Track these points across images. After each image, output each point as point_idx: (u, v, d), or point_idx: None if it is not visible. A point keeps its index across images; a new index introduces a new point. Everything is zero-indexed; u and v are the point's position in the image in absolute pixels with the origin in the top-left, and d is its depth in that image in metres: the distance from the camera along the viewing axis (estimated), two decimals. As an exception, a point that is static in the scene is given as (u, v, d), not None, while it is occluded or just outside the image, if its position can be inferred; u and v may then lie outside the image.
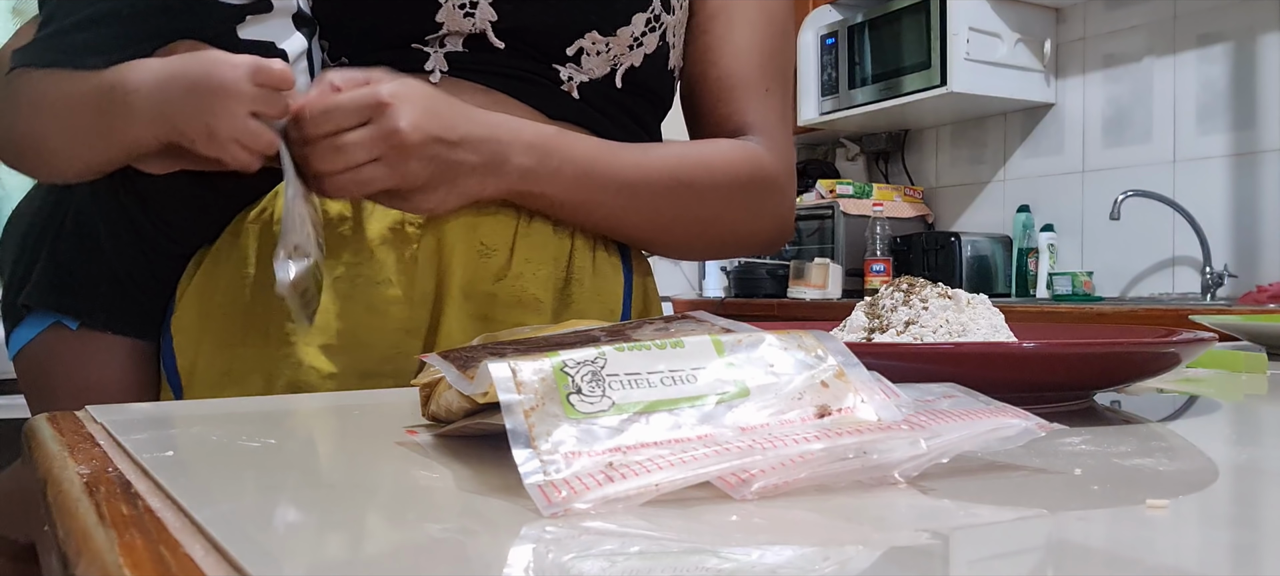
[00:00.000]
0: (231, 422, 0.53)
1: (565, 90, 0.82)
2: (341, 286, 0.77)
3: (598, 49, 0.81)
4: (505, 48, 0.80)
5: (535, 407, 0.34)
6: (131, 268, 0.83)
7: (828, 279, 3.01)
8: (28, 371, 0.87)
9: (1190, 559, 0.29)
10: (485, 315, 0.79)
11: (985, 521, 0.32)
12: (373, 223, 0.78)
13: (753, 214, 0.88)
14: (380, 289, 0.77)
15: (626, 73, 0.84)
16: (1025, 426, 0.37)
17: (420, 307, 0.78)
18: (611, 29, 0.81)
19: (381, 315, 0.77)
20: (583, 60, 0.82)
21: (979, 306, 0.57)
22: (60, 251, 0.84)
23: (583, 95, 0.83)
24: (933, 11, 2.78)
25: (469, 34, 0.80)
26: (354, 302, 0.77)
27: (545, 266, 0.81)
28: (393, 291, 0.77)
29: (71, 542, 0.32)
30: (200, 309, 0.81)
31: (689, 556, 0.28)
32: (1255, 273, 2.46)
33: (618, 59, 0.83)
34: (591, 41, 0.81)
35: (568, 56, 0.81)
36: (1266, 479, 0.39)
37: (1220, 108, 2.52)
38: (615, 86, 0.84)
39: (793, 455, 0.33)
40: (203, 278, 0.81)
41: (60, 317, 0.83)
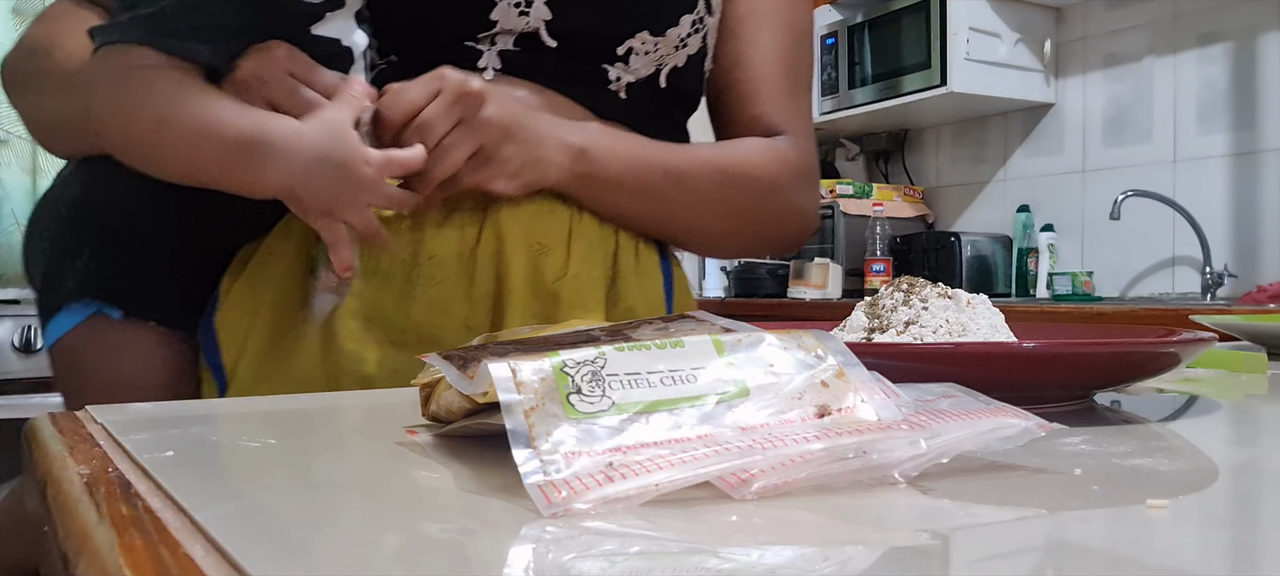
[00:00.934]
0: (231, 423, 0.53)
1: (613, 89, 0.84)
2: (400, 285, 0.78)
3: (646, 49, 0.83)
4: (557, 47, 0.81)
5: (535, 407, 0.34)
6: (177, 260, 0.82)
7: (828, 279, 3.01)
8: (65, 361, 0.85)
9: (1190, 559, 0.29)
10: (547, 315, 0.79)
11: (985, 521, 0.32)
12: (430, 222, 0.78)
13: (783, 212, 0.90)
14: (441, 287, 0.78)
15: (670, 73, 0.85)
16: (1025, 426, 0.37)
17: (480, 306, 0.79)
18: (661, 30, 0.83)
19: (444, 313, 0.78)
20: (631, 60, 0.83)
21: (979, 306, 0.57)
22: (106, 241, 0.83)
23: (629, 95, 0.84)
24: (933, 11, 2.78)
25: (522, 32, 0.80)
26: (415, 301, 0.78)
27: (598, 266, 0.82)
28: (453, 289, 0.78)
29: (71, 542, 0.32)
30: (249, 305, 0.81)
31: (689, 557, 0.28)
32: (1255, 272, 2.46)
33: (663, 59, 0.84)
34: (641, 42, 0.82)
35: (617, 56, 0.82)
36: (1266, 479, 0.39)
37: (1221, 107, 2.52)
38: (659, 86, 0.85)
39: (793, 455, 0.33)
40: (251, 274, 0.81)
41: (102, 307, 0.82)
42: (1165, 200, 2.57)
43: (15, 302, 2.29)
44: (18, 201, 2.63)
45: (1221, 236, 2.52)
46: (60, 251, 0.84)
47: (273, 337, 0.80)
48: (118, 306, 0.82)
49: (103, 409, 0.54)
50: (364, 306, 0.77)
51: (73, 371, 0.85)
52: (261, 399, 0.67)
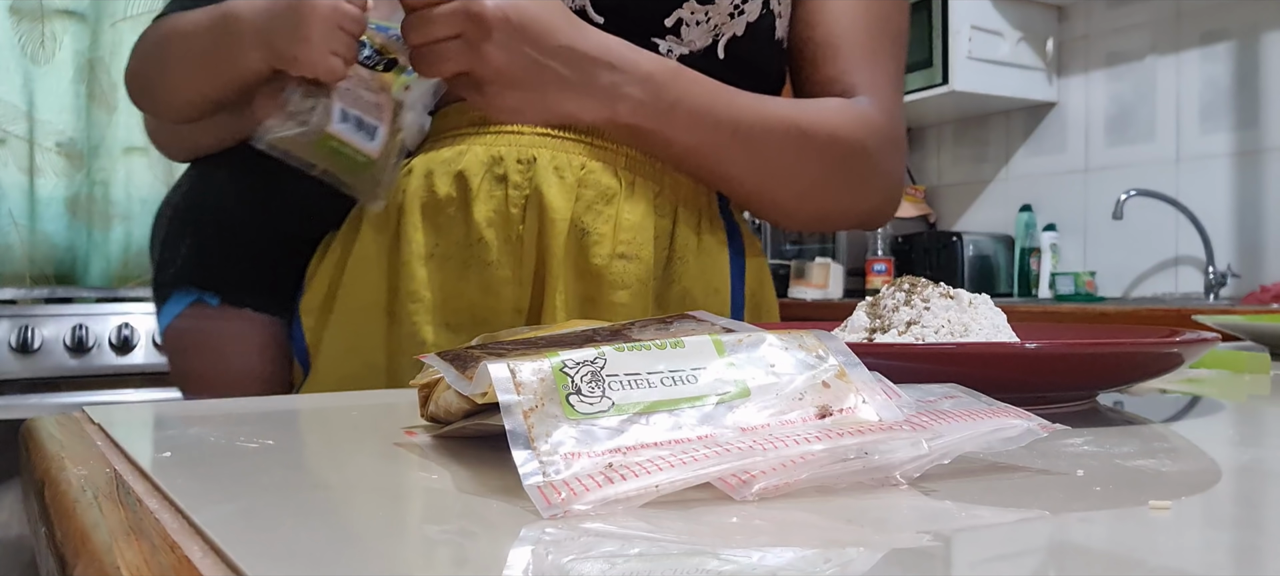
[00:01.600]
0: (229, 423, 0.52)
1: None
2: (455, 266, 0.79)
3: (696, 18, 0.81)
4: (604, 23, 0.80)
5: (534, 408, 0.34)
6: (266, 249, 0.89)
7: (829, 279, 3.01)
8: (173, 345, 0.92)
9: (1193, 560, 0.29)
10: (591, 296, 0.80)
11: (987, 523, 0.32)
12: (479, 205, 0.79)
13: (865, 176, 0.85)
14: (491, 270, 0.79)
15: (729, 43, 0.82)
16: (1027, 427, 0.37)
17: (526, 287, 0.80)
18: None
19: (495, 295, 0.79)
20: (682, 32, 0.81)
21: (981, 306, 0.57)
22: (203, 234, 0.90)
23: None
24: (934, 9, 2.77)
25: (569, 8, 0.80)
26: (468, 282, 0.79)
27: (647, 247, 0.81)
28: (503, 272, 0.79)
29: (69, 544, 0.32)
30: (327, 290, 0.84)
31: (689, 558, 0.28)
32: (1259, 272, 2.46)
33: (719, 29, 0.82)
34: (690, 11, 0.80)
35: (667, 28, 0.81)
36: (1270, 480, 0.39)
37: (1224, 106, 2.52)
38: (718, 58, 0.83)
39: (794, 456, 0.33)
40: (330, 261, 0.85)
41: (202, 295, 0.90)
42: (1168, 200, 2.56)
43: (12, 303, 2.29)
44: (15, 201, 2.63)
45: (1224, 236, 2.52)
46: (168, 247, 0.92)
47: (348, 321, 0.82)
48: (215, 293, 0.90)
49: (100, 409, 0.54)
50: (423, 288, 0.79)
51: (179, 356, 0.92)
52: (260, 399, 0.67)
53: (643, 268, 0.80)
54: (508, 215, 0.79)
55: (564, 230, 0.79)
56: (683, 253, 0.83)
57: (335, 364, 0.82)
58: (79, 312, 2.29)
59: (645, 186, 0.82)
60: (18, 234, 2.61)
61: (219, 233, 0.90)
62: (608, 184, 0.80)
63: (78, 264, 2.68)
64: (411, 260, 0.79)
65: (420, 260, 0.79)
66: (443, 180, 0.80)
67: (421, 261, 0.79)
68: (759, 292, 0.90)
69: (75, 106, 2.66)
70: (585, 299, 0.80)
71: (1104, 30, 2.79)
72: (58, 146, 2.65)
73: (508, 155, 0.80)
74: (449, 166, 0.80)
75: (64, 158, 2.66)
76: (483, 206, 0.79)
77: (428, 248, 0.80)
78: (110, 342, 2.29)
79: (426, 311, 0.79)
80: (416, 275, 0.79)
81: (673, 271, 0.83)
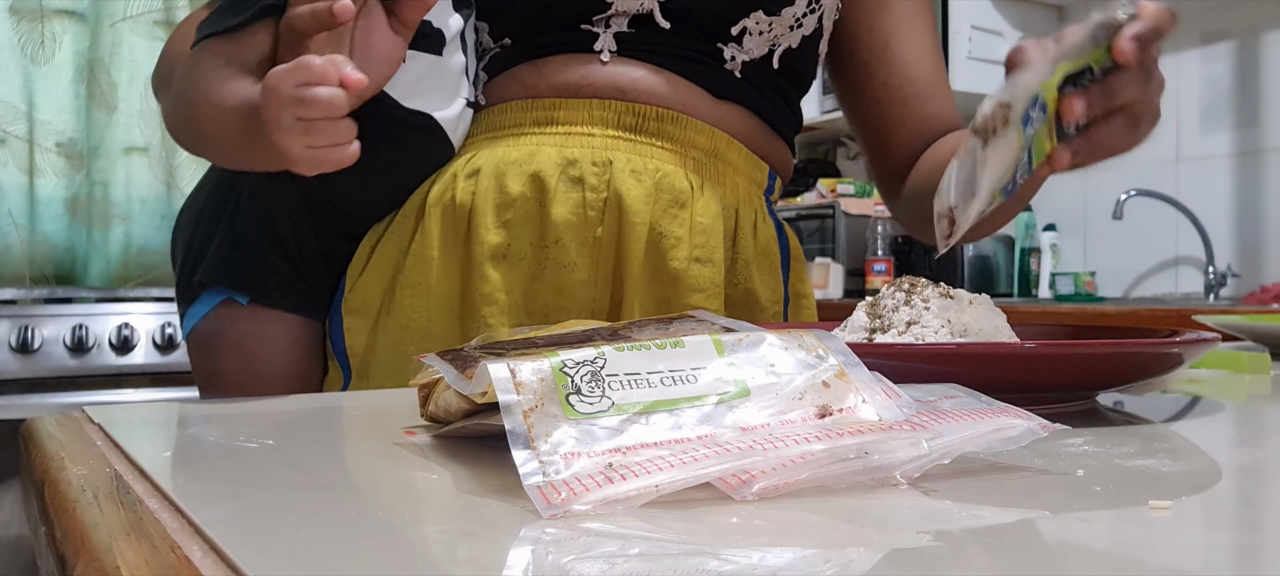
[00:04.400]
0: (229, 423, 0.52)
1: (728, 69, 0.84)
2: (529, 267, 0.79)
3: (760, 29, 0.83)
4: (671, 27, 0.81)
5: (534, 408, 0.34)
6: (303, 246, 0.85)
7: (829, 279, 3.01)
8: (198, 346, 0.88)
9: (1193, 560, 0.29)
10: (668, 298, 0.81)
11: (987, 523, 0.32)
12: (556, 206, 0.79)
13: None
14: (567, 271, 0.79)
15: (784, 54, 0.85)
16: (1028, 427, 0.37)
17: (603, 289, 0.80)
18: (776, 9, 0.83)
19: (569, 296, 0.79)
20: (744, 40, 0.83)
21: (981, 306, 0.57)
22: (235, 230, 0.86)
23: (744, 74, 0.84)
24: (934, 10, 2.77)
25: (636, 14, 0.81)
26: (543, 284, 0.79)
27: (718, 249, 0.83)
28: (579, 274, 0.79)
29: (69, 544, 0.32)
30: (377, 290, 0.82)
31: (689, 558, 0.28)
32: (1259, 273, 2.46)
33: (777, 39, 0.84)
34: (755, 22, 0.83)
35: (731, 36, 0.83)
36: (1270, 480, 0.39)
37: (1224, 106, 2.52)
38: (772, 67, 0.85)
39: (794, 456, 0.33)
40: (379, 259, 0.83)
41: (231, 294, 0.85)
42: (1168, 200, 2.56)
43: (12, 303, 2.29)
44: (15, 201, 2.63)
45: (1225, 236, 2.52)
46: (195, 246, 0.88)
47: (407, 323, 0.80)
48: (245, 292, 0.85)
49: (100, 410, 0.54)
50: (497, 289, 0.79)
51: (205, 357, 0.88)
52: (261, 399, 0.67)
53: (716, 270, 0.82)
54: (586, 217, 0.79)
55: (644, 233, 0.79)
56: (744, 253, 0.86)
57: (394, 369, 0.80)
58: (79, 313, 2.29)
59: (712, 188, 0.84)
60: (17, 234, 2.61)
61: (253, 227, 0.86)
62: (681, 187, 0.81)
63: (77, 264, 2.68)
64: (484, 261, 0.79)
65: (494, 261, 0.79)
66: (516, 180, 0.79)
67: (495, 263, 0.79)
68: (799, 288, 0.93)
69: (75, 107, 2.66)
70: (661, 301, 0.81)
71: (1104, 30, 2.79)
72: (57, 147, 2.65)
73: (582, 157, 0.80)
74: (522, 167, 0.80)
75: (64, 158, 2.66)
76: (560, 207, 0.79)
77: (500, 248, 0.79)
78: (110, 343, 2.29)
79: (501, 314, 0.78)
80: (490, 277, 0.79)
81: (737, 272, 0.85)
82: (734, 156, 0.85)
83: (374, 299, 0.82)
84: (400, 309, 0.81)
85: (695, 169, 0.83)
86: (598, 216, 0.79)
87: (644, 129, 0.81)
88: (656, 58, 0.82)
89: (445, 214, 0.81)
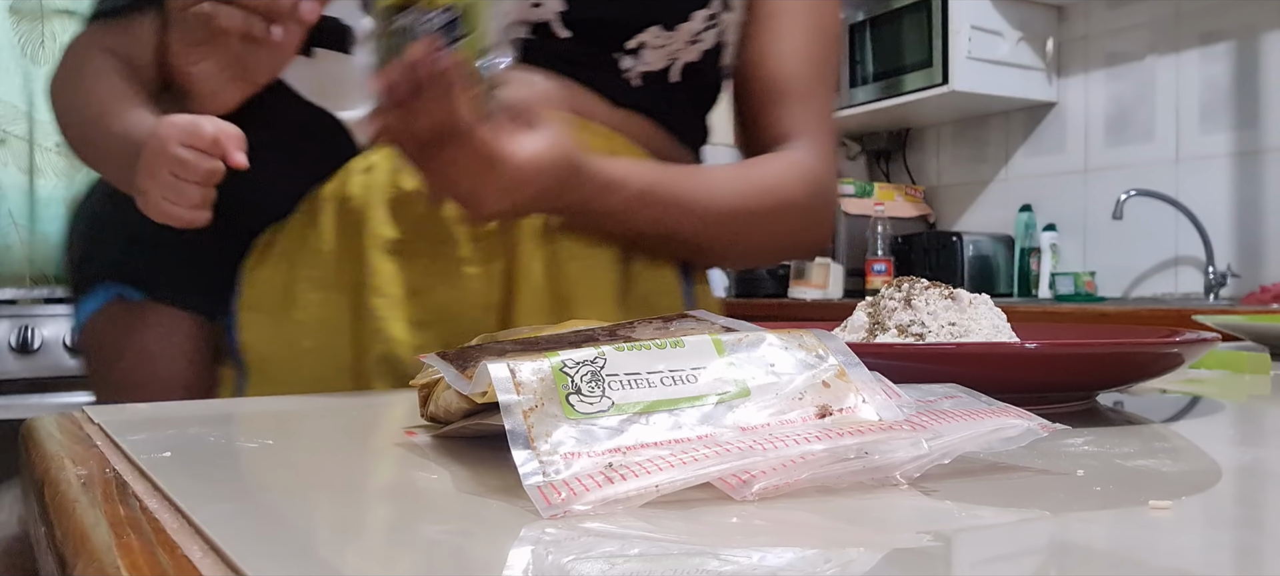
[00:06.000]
0: (229, 423, 0.52)
1: (626, 78, 0.84)
2: (423, 263, 0.79)
3: (658, 43, 0.83)
4: (570, 37, 0.82)
5: (534, 408, 0.34)
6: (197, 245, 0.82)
7: (829, 279, 3.01)
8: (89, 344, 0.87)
9: (1194, 560, 0.29)
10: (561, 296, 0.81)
11: (988, 523, 0.32)
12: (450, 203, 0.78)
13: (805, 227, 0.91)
14: (460, 266, 0.79)
15: (684, 67, 0.85)
16: (1028, 427, 0.37)
17: (497, 283, 0.80)
18: (673, 24, 0.83)
19: (463, 291, 0.79)
20: (642, 53, 0.83)
21: (981, 306, 0.57)
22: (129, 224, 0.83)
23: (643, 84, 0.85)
24: (934, 9, 2.77)
25: (535, 22, 0.81)
26: (436, 278, 0.79)
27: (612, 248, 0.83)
28: (471, 268, 0.79)
29: (69, 544, 0.32)
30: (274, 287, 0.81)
31: (689, 558, 0.28)
32: (1259, 272, 2.46)
33: (676, 54, 0.84)
34: (653, 35, 0.83)
35: (628, 49, 0.83)
36: (1270, 480, 0.39)
37: (1223, 106, 2.52)
38: (671, 80, 0.86)
39: (794, 455, 0.33)
40: (277, 257, 0.82)
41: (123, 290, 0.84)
42: (1168, 200, 2.56)
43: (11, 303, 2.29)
44: (15, 201, 2.63)
45: (1224, 236, 2.52)
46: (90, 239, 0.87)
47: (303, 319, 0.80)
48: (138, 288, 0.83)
49: (100, 409, 0.54)
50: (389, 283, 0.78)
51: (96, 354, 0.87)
52: (260, 399, 0.67)
53: (610, 268, 0.83)
54: None
55: (538, 232, 0.80)
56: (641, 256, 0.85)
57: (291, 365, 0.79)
58: (79, 313, 2.29)
59: None
60: (18, 234, 2.61)
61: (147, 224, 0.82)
62: None
63: (78, 264, 2.68)
64: (376, 255, 0.78)
65: (386, 255, 0.78)
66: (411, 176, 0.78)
67: (387, 256, 0.78)
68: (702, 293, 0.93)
69: (75, 106, 2.66)
70: (555, 298, 0.80)
71: (1103, 30, 2.79)
72: (58, 147, 2.65)
73: None
74: None
75: (64, 158, 2.66)
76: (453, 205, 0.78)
77: (395, 243, 0.79)
78: (110, 342, 2.29)
79: (393, 307, 0.78)
80: (382, 270, 0.78)
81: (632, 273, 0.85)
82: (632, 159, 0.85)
83: (271, 295, 0.81)
84: (299, 304, 0.80)
85: None
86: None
87: None
88: (555, 64, 0.82)
89: (340, 208, 0.80)
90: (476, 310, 0.79)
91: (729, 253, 0.90)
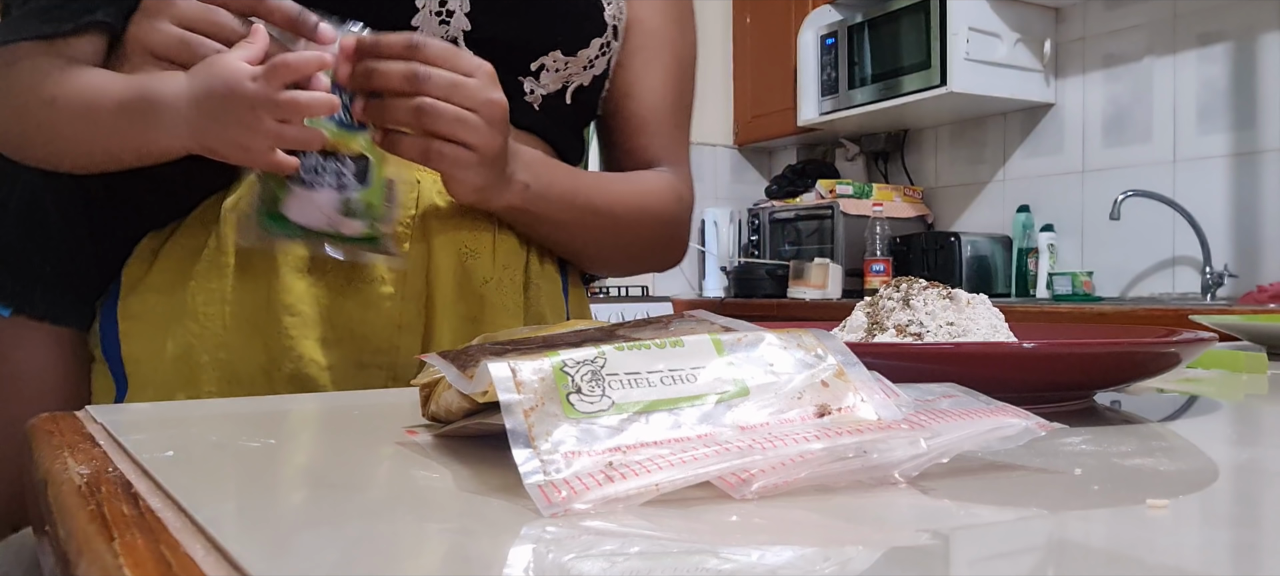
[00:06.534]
0: (231, 422, 0.52)
1: (528, 101, 0.86)
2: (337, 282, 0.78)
3: (557, 66, 0.86)
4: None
5: (535, 407, 0.34)
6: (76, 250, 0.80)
7: (827, 279, 3.01)
8: None
9: (1191, 559, 0.29)
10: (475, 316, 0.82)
11: (985, 521, 0.32)
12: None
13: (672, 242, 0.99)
14: (374, 286, 0.79)
15: (576, 91, 0.89)
16: (1025, 426, 0.37)
17: (412, 303, 0.80)
18: (573, 50, 0.86)
19: (375, 310, 0.78)
20: (542, 76, 0.86)
21: (979, 306, 0.57)
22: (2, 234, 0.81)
23: (542, 107, 0.87)
24: (932, 11, 2.78)
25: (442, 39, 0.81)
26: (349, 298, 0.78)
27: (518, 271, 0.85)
28: (385, 288, 0.79)
29: (72, 543, 0.32)
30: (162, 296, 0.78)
31: (689, 557, 0.28)
32: (1256, 272, 2.46)
33: (571, 77, 0.88)
34: (553, 60, 0.86)
35: (530, 71, 0.85)
36: (1267, 479, 0.39)
37: (1220, 107, 2.52)
38: (566, 102, 0.89)
39: (793, 454, 0.33)
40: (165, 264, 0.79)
41: None
42: (1165, 200, 2.57)
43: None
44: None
45: (1221, 236, 2.52)
46: None
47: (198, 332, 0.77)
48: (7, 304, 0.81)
49: (103, 409, 0.54)
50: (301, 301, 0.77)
51: None
52: (261, 399, 0.67)
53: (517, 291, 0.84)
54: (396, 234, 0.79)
55: (453, 252, 0.80)
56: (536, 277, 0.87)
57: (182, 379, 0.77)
58: (77, 313, 2.28)
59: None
60: None
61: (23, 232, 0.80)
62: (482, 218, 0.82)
63: (76, 265, 2.67)
64: (288, 272, 0.77)
65: (298, 273, 0.77)
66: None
67: (299, 274, 0.77)
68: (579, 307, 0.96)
69: (73, 107, 2.66)
70: (468, 318, 0.81)
71: (1101, 32, 2.79)
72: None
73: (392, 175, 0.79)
74: None
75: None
76: None
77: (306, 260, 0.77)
78: (108, 343, 2.28)
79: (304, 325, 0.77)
80: (293, 288, 0.77)
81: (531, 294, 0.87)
82: None
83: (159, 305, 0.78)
84: (192, 316, 0.77)
85: None
86: (406, 233, 0.79)
87: None
88: None
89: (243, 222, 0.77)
90: (389, 330, 0.79)
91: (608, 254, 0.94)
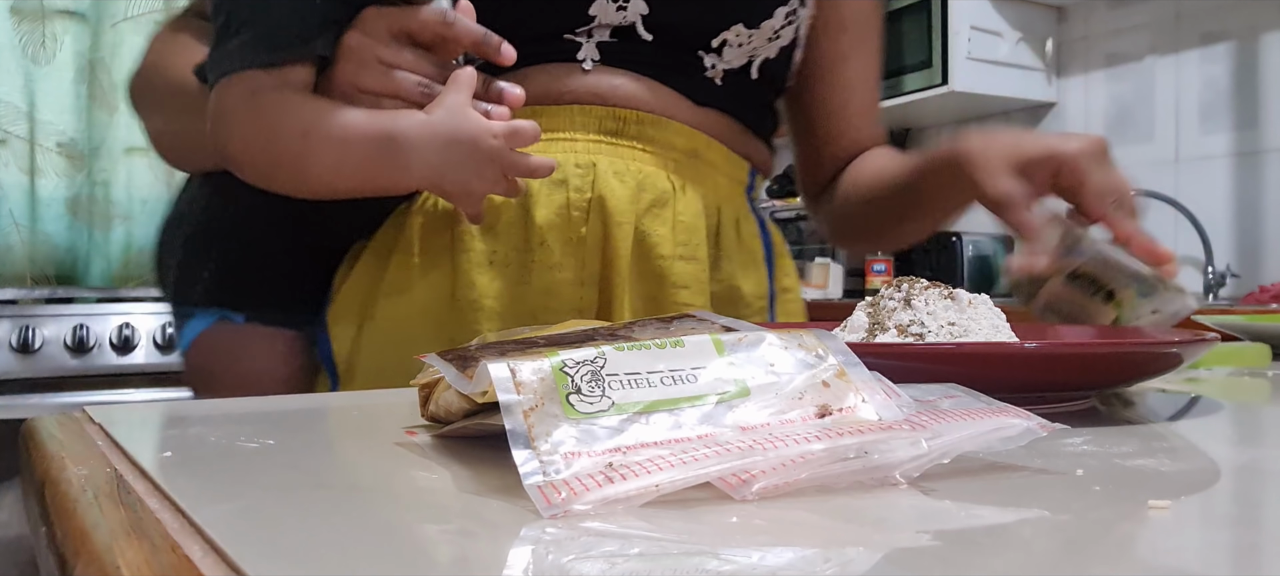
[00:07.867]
0: (230, 423, 0.52)
1: (709, 77, 0.85)
2: (515, 271, 0.80)
3: (740, 41, 0.84)
4: (653, 39, 0.82)
5: (535, 408, 0.34)
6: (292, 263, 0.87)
7: (829, 279, 3.01)
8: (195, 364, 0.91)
9: (1192, 560, 0.29)
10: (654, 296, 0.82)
11: (987, 522, 0.32)
12: (539, 209, 0.80)
13: None
14: (553, 273, 0.80)
15: (762, 64, 0.87)
16: (1027, 426, 0.37)
17: (590, 288, 0.81)
18: (756, 22, 0.84)
19: (557, 297, 0.80)
20: (724, 51, 0.84)
21: (980, 306, 0.57)
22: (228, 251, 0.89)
23: (723, 82, 0.86)
24: (934, 10, 2.77)
25: (619, 26, 0.82)
26: (529, 287, 0.80)
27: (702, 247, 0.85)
28: (565, 274, 0.80)
29: (69, 544, 0.32)
30: (361, 300, 0.83)
31: (689, 558, 0.28)
32: (1258, 272, 2.46)
33: (756, 51, 0.86)
34: (735, 34, 0.84)
35: (712, 48, 0.84)
36: (1269, 479, 0.39)
37: (1223, 107, 2.52)
38: (751, 77, 0.87)
39: (793, 455, 0.33)
40: (362, 270, 0.84)
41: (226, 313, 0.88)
42: (1167, 200, 2.56)
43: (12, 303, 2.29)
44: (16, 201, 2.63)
45: (1224, 236, 2.52)
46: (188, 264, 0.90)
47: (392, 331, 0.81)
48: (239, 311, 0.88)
49: (100, 409, 0.54)
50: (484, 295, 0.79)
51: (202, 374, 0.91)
52: (261, 399, 0.67)
53: (701, 267, 0.84)
54: (569, 218, 0.80)
55: (629, 233, 0.81)
56: (728, 249, 0.87)
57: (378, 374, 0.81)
58: (79, 313, 2.29)
59: (693, 188, 0.85)
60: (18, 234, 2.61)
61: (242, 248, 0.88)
62: (663, 187, 0.83)
63: (78, 264, 2.68)
64: (470, 267, 0.79)
65: (480, 266, 0.79)
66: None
67: (481, 268, 0.80)
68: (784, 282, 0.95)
69: (76, 107, 2.66)
70: (649, 299, 0.82)
71: (1103, 31, 2.79)
72: (59, 147, 2.65)
73: (565, 160, 0.81)
74: None
75: (65, 158, 2.66)
76: (543, 210, 0.80)
77: (487, 254, 0.80)
78: (111, 343, 2.29)
79: (488, 318, 0.79)
80: (476, 282, 0.79)
81: (721, 268, 0.87)
82: (714, 156, 0.87)
83: (356, 305, 0.83)
84: (382, 315, 0.81)
85: (676, 170, 0.84)
86: (582, 217, 0.80)
87: (625, 133, 0.82)
88: (638, 66, 0.83)
89: (428, 220, 0.81)
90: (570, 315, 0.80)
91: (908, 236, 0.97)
